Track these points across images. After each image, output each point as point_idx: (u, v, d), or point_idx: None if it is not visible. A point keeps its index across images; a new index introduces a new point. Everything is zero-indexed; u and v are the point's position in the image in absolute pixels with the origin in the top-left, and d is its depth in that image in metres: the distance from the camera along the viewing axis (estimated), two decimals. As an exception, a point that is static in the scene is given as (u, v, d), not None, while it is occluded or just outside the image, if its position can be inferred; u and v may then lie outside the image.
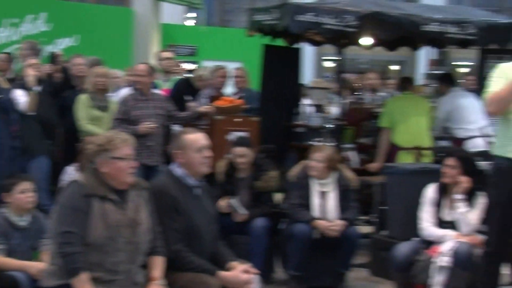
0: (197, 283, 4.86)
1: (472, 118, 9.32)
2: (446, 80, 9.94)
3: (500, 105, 5.51)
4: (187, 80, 10.04)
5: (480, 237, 6.21)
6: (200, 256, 5.04)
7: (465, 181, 6.53)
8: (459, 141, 9.37)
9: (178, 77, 10.54)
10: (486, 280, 5.79)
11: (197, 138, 5.22)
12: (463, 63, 17.32)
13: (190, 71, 11.63)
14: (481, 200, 6.34)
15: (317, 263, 7.13)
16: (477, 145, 9.08)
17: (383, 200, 7.92)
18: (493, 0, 18.27)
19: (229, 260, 5.20)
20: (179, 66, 11.57)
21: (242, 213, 7.15)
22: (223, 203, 7.09)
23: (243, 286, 5.01)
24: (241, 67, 11.07)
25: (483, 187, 6.16)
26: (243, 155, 7.33)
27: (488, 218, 5.86)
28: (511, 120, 5.54)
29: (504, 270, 6.05)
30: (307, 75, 15.31)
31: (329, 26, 8.35)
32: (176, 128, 8.60)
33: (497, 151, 5.68)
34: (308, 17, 8.28)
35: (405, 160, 8.96)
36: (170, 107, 8.54)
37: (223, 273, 5.01)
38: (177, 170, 5.18)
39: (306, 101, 10.85)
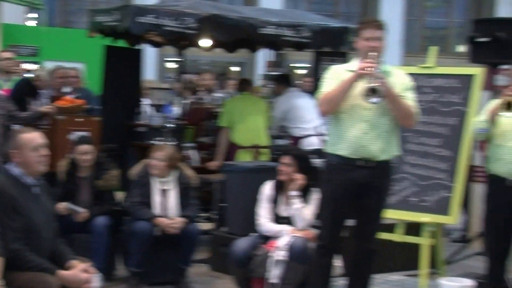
0: (36, 282, 4.74)
1: (307, 117, 9.51)
2: (282, 81, 10.12)
3: (331, 105, 5.63)
4: (27, 80, 9.79)
5: (314, 231, 6.33)
6: (39, 255, 4.91)
7: (300, 178, 6.67)
8: (296, 140, 9.55)
9: (19, 77, 10.27)
10: (319, 272, 5.90)
11: (33, 137, 5.10)
12: (300, 65, 17.66)
13: (30, 71, 11.33)
14: (315, 196, 6.47)
15: (158, 259, 7.12)
16: (312, 143, 9.27)
17: (222, 197, 7.98)
18: (328, 5, 18.70)
19: (69, 259, 5.11)
20: (19, 66, 11.26)
21: (81, 211, 7.06)
22: (60, 207, 6.94)
23: (82, 285, 4.94)
24: (75, 67, 10.87)
25: (317, 184, 6.27)
26: (86, 153, 7.24)
27: (321, 213, 5.98)
28: (341, 119, 5.67)
29: (336, 262, 6.19)
30: (150, 76, 15.19)
31: (169, 28, 8.33)
32: (16, 128, 8.38)
33: (329, 148, 5.80)
34: (149, 19, 8.23)
35: (243, 158, 9.05)
36: (10, 107, 8.29)
37: (63, 272, 4.91)
38: (14, 169, 5.05)
39: (147, 101, 10.80)
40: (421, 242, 6.92)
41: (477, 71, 7.29)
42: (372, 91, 5.43)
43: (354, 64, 5.69)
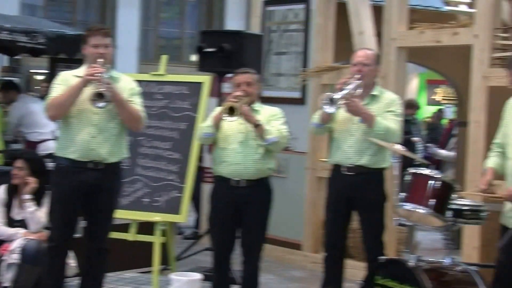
0: None
1: (43, 122, 9.28)
2: (9, 88, 9.93)
3: (59, 110, 5.56)
4: None
5: (48, 233, 6.20)
6: None
7: (32, 182, 6.54)
8: (34, 144, 9.34)
9: None
10: (52, 273, 5.77)
11: None
12: (38, 71, 17.21)
13: None
14: (48, 199, 6.34)
15: None
16: (49, 147, 9.08)
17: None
18: (66, 13, 18.31)
19: None
20: None
21: None
22: None
23: None
24: None
25: (49, 186, 6.16)
26: None
27: (51, 215, 5.86)
28: (71, 123, 5.61)
29: (70, 262, 6.12)
30: None
31: None
32: None
33: (59, 152, 5.71)
34: None
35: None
36: None
37: None
38: None
39: None
40: (154, 240, 6.98)
41: (205, 79, 7.47)
42: (98, 96, 5.42)
43: (82, 70, 5.66)
